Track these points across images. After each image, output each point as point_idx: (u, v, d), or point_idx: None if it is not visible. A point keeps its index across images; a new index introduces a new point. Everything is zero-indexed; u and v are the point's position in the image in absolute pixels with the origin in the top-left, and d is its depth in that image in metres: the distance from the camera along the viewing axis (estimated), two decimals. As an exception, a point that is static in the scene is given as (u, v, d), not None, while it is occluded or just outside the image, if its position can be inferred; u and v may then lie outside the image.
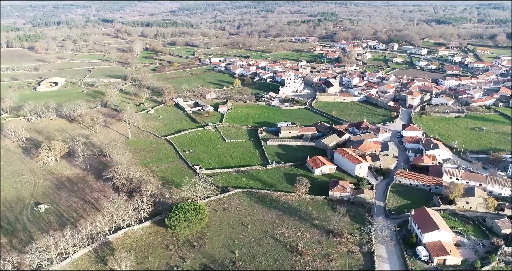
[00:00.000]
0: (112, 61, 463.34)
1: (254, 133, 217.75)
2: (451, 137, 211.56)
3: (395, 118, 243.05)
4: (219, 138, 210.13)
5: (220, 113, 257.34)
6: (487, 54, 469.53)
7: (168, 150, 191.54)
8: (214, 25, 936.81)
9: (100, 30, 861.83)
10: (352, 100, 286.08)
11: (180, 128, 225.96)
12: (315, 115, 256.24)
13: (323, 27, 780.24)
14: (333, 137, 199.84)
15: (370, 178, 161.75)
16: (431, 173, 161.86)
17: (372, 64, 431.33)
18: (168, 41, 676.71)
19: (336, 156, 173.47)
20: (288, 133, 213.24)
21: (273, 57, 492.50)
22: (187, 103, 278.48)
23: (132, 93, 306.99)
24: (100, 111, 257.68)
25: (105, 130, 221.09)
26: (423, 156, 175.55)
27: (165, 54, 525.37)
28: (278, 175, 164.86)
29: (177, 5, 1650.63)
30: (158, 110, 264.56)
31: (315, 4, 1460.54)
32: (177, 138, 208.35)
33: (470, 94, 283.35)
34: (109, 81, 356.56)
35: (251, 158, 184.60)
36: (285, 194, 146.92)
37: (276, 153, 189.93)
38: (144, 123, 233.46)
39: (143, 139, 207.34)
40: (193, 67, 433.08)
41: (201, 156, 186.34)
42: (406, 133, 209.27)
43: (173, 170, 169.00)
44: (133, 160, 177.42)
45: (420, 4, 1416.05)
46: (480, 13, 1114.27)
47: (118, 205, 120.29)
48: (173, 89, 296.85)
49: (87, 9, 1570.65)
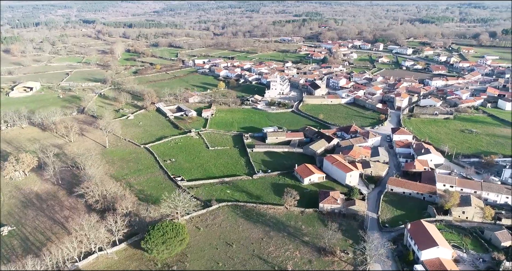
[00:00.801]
0: (92, 64, 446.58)
1: (239, 140, 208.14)
2: (441, 140, 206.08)
3: (384, 121, 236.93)
4: (203, 146, 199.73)
5: (204, 118, 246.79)
6: (471, 54, 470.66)
7: (147, 160, 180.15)
8: (198, 25, 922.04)
9: (80, 31, 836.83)
10: (339, 102, 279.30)
11: (161, 135, 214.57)
12: (302, 118, 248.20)
13: (308, 27, 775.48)
14: (322, 143, 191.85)
15: (361, 187, 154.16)
16: (423, 180, 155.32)
17: (358, 65, 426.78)
18: (151, 42, 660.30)
19: (326, 164, 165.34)
20: (275, 139, 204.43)
21: (259, 58, 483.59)
22: (169, 107, 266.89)
23: (111, 97, 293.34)
24: (77, 118, 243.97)
25: (81, 138, 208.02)
26: (415, 162, 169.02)
27: (147, 56, 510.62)
28: (264, 186, 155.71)
29: (161, 5, 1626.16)
30: (138, 115, 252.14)
31: (299, 4, 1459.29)
32: (157, 146, 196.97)
33: (458, 94, 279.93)
34: (87, 85, 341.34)
35: (236, 167, 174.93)
36: (273, 207, 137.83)
37: (263, 161, 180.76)
38: (123, 130, 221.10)
39: (121, 148, 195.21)
40: (176, 69, 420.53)
41: (183, 165, 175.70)
42: (396, 137, 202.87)
43: (152, 182, 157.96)
44: (110, 172, 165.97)
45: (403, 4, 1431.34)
46: (461, 13, 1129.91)
47: (89, 227, 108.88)
48: (154, 93, 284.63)
49: (68, 9, 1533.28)
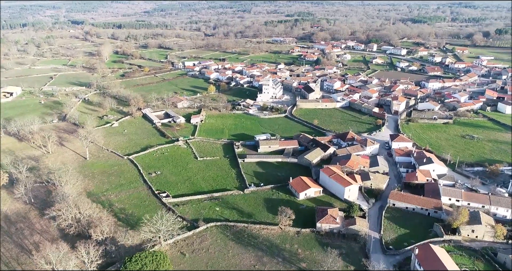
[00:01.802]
0: (77, 67, 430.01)
1: (230, 148, 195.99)
2: (442, 147, 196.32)
3: (382, 126, 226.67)
4: (191, 156, 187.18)
5: (193, 124, 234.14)
6: (466, 54, 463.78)
7: (131, 173, 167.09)
8: (189, 26, 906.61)
9: (68, 32, 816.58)
10: (334, 106, 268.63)
11: (147, 144, 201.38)
12: (296, 124, 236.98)
13: (300, 27, 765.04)
14: (317, 152, 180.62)
15: (361, 202, 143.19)
16: (427, 193, 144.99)
17: (352, 66, 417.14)
18: (140, 44, 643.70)
19: (322, 177, 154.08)
20: (268, 148, 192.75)
21: (250, 59, 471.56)
22: (156, 113, 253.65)
23: (96, 103, 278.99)
24: (57, 126, 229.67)
25: (60, 149, 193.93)
26: (417, 172, 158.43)
27: (136, 58, 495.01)
28: (257, 201, 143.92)
29: (152, 6, 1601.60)
30: (123, 123, 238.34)
31: (291, 3, 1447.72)
32: (142, 158, 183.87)
33: (456, 97, 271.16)
34: (71, 89, 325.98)
35: (226, 180, 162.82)
36: (266, 227, 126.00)
37: (255, 173, 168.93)
38: (106, 139, 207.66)
39: (103, 160, 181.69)
40: (165, 72, 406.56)
41: (169, 179, 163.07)
42: (395, 144, 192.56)
43: (135, 199, 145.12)
44: (89, 188, 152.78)
45: (394, 4, 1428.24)
46: (452, 12, 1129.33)
47: (57, 260, 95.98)
48: (141, 98, 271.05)
49: (56, 10, 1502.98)
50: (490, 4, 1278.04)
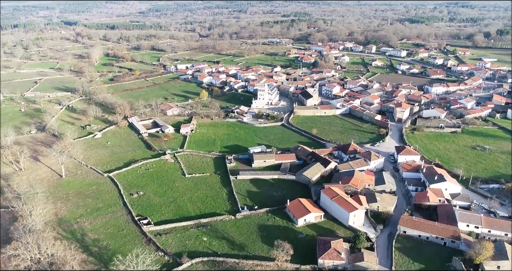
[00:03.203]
0: (65, 70, 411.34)
1: (222, 163, 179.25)
2: (452, 160, 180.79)
3: (385, 136, 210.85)
4: (178, 172, 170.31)
5: (182, 135, 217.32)
6: (468, 56, 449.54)
7: (110, 194, 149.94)
8: (184, 26, 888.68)
9: (60, 33, 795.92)
10: (334, 113, 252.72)
11: (131, 158, 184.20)
12: (293, 134, 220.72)
13: (297, 28, 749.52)
14: (317, 168, 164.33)
15: (368, 229, 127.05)
16: (441, 218, 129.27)
17: (351, 69, 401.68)
18: (132, 45, 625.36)
19: (323, 199, 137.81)
20: (263, 162, 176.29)
21: (246, 62, 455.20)
22: (143, 122, 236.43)
23: (80, 110, 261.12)
24: (35, 138, 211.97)
25: (34, 165, 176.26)
26: (428, 192, 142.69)
27: (127, 61, 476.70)
28: (250, 229, 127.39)
29: (147, 6, 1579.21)
30: (107, 133, 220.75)
31: (287, 4, 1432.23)
32: (124, 175, 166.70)
33: (463, 103, 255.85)
34: (55, 95, 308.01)
35: (216, 201, 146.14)
36: (260, 263, 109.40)
37: (248, 192, 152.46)
38: (86, 152, 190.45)
39: (80, 178, 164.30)
40: (156, 76, 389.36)
41: (153, 201, 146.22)
42: (402, 158, 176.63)
43: (111, 227, 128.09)
44: (61, 213, 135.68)
45: (391, 4, 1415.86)
46: (450, 12, 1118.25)
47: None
48: (127, 105, 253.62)
49: (50, 10, 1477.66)
50: (487, 4, 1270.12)
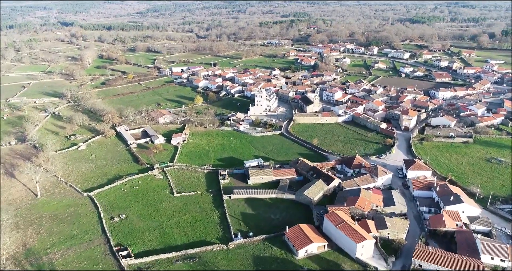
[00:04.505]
0: (55, 74, 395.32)
1: (215, 179, 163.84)
2: (466, 176, 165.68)
3: (392, 147, 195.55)
4: (166, 190, 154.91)
5: (174, 145, 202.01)
6: (473, 58, 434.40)
7: (88, 218, 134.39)
8: (182, 27, 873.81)
9: (55, 34, 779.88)
10: (336, 121, 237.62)
11: (116, 174, 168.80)
12: (293, 144, 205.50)
13: (296, 29, 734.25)
14: (319, 186, 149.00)
15: (378, 261, 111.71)
16: (461, 248, 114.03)
17: (352, 71, 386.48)
18: (128, 47, 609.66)
19: (327, 225, 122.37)
20: (259, 179, 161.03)
21: (243, 64, 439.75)
22: (132, 131, 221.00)
23: (66, 118, 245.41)
24: (14, 150, 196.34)
25: (9, 183, 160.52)
26: (443, 216, 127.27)
27: (121, 63, 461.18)
28: (244, 262, 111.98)
29: (145, 6, 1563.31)
30: (92, 144, 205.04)
31: (287, 4, 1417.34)
32: (107, 194, 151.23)
33: (473, 110, 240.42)
34: (42, 101, 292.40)
35: (206, 226, 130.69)
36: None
37: (243, 215, 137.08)
38: (67, 167, 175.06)
39: (57, 198, 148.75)
40: (151, 79, 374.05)
41: (136, 226, 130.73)
42: (412, 173, 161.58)
43: (86, 260, 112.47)
44: (30, 243, 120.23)
45: (391, 4, 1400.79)
46: (451, 12, 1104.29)
47: None
48: (116, 113, 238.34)
49: (47, 11, 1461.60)
50: (488, 4, 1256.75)
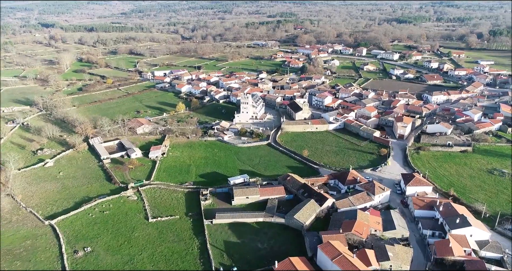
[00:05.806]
0: (29, 79, 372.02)
1: (195, 200, 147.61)
2: (468, 190, 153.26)
3: (387, 158, 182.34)
4: (141, 215, 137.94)
5: (152, 160, 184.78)
6: (463, 58, 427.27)
7: (47, 253, 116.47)
8: (167, 28, 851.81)
9: (33, 36, 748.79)
10: (326, 128, 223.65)
11: (85, 195, 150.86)
12: (281, 156, 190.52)
13: (283, 29, 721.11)
14: (311, 207, 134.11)
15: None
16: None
17: (342, 74, 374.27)
18: (109, 49, 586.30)
19: (321, 258, 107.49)
20: (245, 199, 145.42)
21: (229, 66, 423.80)
22: (107, 144, 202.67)
23: (34, 130, 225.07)
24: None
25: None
26: (450, 242, 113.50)
27: (101, 67, 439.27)
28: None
29: (130, 7, 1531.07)
30: (61, 160, 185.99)
31: (273, 4, 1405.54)
32: (72, 221, 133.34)
33: (469, 115, 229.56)
34: (12, 110, 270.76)
35: (184, 260, 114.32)
36: None
37: (226, 244, 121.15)
38: (30, 188, 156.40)
39: (14, 227, 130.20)
40: (131, 84, 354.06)
41: (102, 261, 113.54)
42: (411, 189, 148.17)
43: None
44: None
45: (377, 3, 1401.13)
46: (436, 12, 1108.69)
47: None
48: (89, 123, 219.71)
49: (28, 12, 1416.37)
50: (472, 4, 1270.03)
